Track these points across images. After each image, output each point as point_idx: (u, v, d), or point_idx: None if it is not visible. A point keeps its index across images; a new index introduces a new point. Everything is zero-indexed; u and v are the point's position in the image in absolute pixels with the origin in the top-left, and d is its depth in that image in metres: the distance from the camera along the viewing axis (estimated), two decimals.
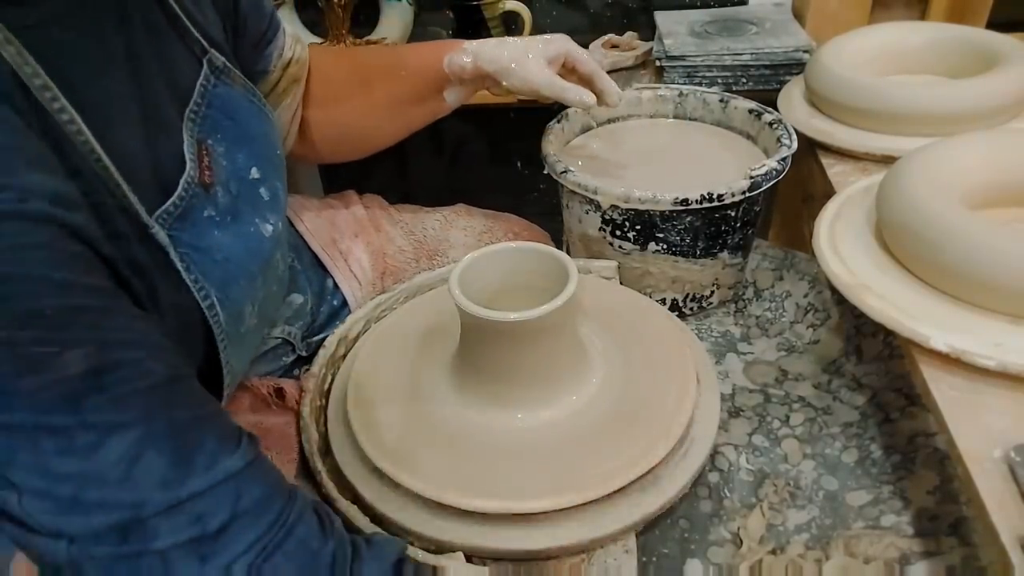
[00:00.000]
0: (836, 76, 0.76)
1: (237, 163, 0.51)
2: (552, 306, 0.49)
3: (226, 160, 0.51)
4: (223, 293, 0.47)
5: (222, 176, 0.50)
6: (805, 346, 0.69)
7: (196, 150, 0.47)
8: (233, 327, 0.49)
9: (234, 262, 0.49)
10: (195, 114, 0.49)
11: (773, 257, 0.79)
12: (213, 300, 0.46)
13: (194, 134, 0.48)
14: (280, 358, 0.67)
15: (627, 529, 0.48)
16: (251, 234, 0.52)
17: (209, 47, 0.51)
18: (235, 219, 0.50)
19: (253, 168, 0.53)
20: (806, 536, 0.52)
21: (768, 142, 0.74)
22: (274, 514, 0.38)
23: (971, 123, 0.69)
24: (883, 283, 0.54)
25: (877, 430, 0.59)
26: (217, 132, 0.50)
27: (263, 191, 0.54)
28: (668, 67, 0.99)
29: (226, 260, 0.48)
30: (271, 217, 0.54)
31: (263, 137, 0.56)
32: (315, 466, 0.52)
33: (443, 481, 0.49)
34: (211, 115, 0.50)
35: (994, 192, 0.59)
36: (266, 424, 0.57)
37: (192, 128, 0.48)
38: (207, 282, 0.46)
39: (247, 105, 0.55)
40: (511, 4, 1.10)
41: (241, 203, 0.51)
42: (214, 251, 0.47)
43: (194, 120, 0.48)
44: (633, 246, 0.68)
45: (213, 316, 0.46)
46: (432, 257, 0.78)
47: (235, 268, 0.49)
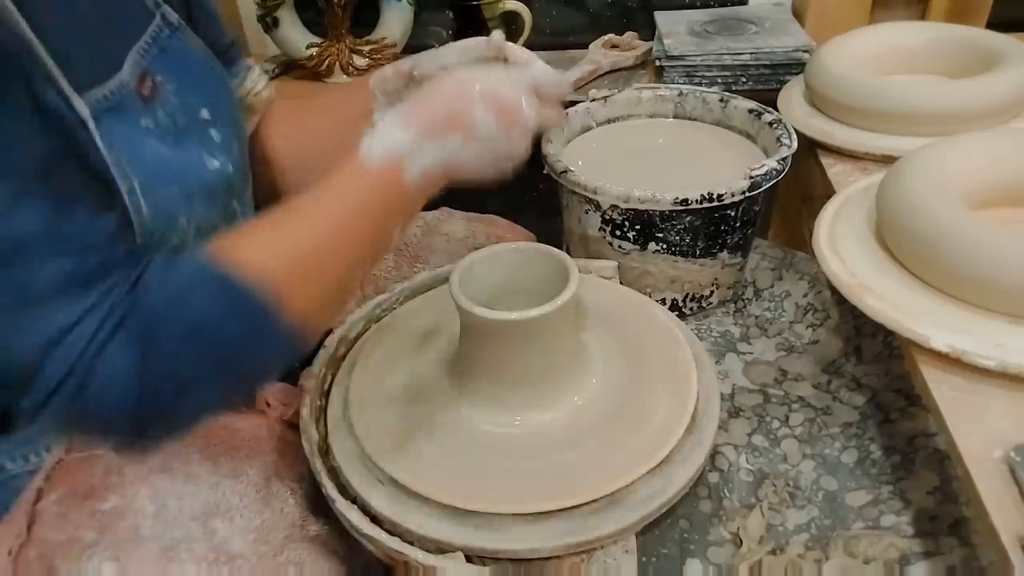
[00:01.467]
0: (836, 76, 0.76)
1: (188, 102, 0.53)
2: (552, 306, 0.49)
3: (176, 97, 0.52)
4: (148, 188, 0.48)
5: (169, 106, 0.52)
6: (805, 346, 0.69)
7: (138, 73, 0.49)
8: (160, 226, 0.49)
9: (166, 167, 0.50)
10: (144, 52, 0.51)
11: (773, 257, 0.79)
12: (134, 186, 0.47)
13: (140, 65, 0.50)
14: None
15: (627, 529, 0.48)
16: (194, 159, 0.53)
17: (162, 2, 0.54)
18: (178, 143, 0.52)
19: (204, 110, 0.55)
20: (806, 536, 0.52)
21: (768, 142, 0.74)
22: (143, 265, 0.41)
23: (971, 123, 0.69)
24: (883, 283, 0.54)
25: (877, 430, 0.59)
26: (168, 73, 0.52)
27: (213, 132, 0.55)
28: (668, 67, 0.99)
29: (158, 164, 0.49)
30: (219, 156, 0.55)
31: (219, 92, 0.57)
32: (315, 466, 0.52)
33: (443, 481, 0.49)
34: (163, 58, 0.52)
35: (994, 192, 0.59)
36: (236, 427, 0.56)
37: (139, 60, 0.50)
38: (129, 168, 0.47)
39: (206, 63, 0.57)
40: (511, 4, 1.11)
41: (188, 135, 0.53)
42: (145, 150, 0.49)
43: (143, 55, 0.50)
44: (633, 246, 0.68)
45: (133, 201, 0.47)
46: (413, 264, 0.78)
47: (166, 172, 0.50)
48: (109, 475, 0.51)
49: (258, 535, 0.50)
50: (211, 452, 0.54)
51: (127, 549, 0.47)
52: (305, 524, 0.53)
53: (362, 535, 0.48)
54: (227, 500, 0.51)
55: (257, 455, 0.55)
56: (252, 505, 0.52)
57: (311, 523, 0.53)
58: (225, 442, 0.55)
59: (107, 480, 0.51)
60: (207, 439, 0.55)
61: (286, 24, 1.16)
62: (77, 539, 0.48)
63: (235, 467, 0.53)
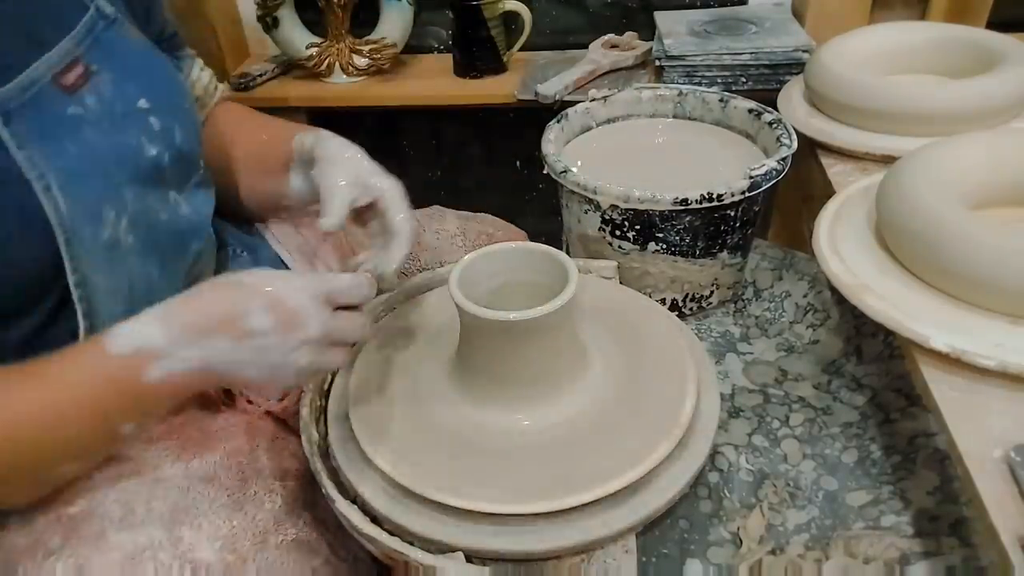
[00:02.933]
0: (836, 76, 0.76)
1: (125, 90, 0.54)
2: (552, 306, 0.49)
3: (112, 86, 0.53)
4: (69, 181, 0.48)
5: (105, 94, 0.52)
6: (805, 346, 0.69)
7: (64, 63, 0.50)
8: (86, 226, 0.49)
9: (93, 159, 0.51)
10: (78, 41, 0.51)
11: (773, 257, 0.79)
12: (51, 183, 0.47)
13: (71, 52, 0.51)
14: None
15: (627, 529, 0.48)
16: (128, 145, 0.53)
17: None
18: (114, 128, 0.52)
19: (142, 99, 0.55)
20: (806, 536, 0.52)
21: (768, 142, 0.74)
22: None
23: (971, 123, 0.69)
24: (883, 283, 0.54)
25: (877, 430, 0.59)
26: (104, 63, 0.53)
27: (153, 120, 0.55)
28: (668, 67, 0.99)
29: (83, 153, 0.50)
30: (157, 145, 0.55)
31: (160, 81, 0.57)
32: (315, 466, 0.52)
33: (443, 481, 0.49)
34: (97, 49, 0.53)
35: (994, 192, 0.59)
36: (211, 428, 0.56)
37: (71, 48, 0.51)
38: (45, 166, 0.47)
39: (145, 53, 0.57)
40: (511, 4, 1.11)
41: (127, 122, 0.53)
42: (68, 141, 0.49)
43: (76, 44, 0.51)
44: (632, 246, 0.68)
45: (50, 200, 0.47)
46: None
47: (92, 165, 0.50)
48: (78, 478, 0.49)
49: (225, 543, 0.49)
50: (184, 454, 0.52)
51: (90, 556, 0.46)
52: (280, 528, 0.52)
53: (362, 535, 0.48)
54: (196, 505, 0.50)
55: (232, 456, 0.54)
56: (221, 511, 0.50)
57: (288, 526, 0.52)
58: (199, 444, 0.54)
59: (75, 483, 0.49)
60: (181, 440, 0.53)
61: (286, 24, 1.16)
62: (42, 544, 0.46)
63: (207, 470, 0.52)
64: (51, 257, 0.48)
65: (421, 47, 1.27)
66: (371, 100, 1.16)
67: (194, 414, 0.56)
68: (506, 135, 1.35)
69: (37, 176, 0.47)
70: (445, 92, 1.15)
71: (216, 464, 0.53)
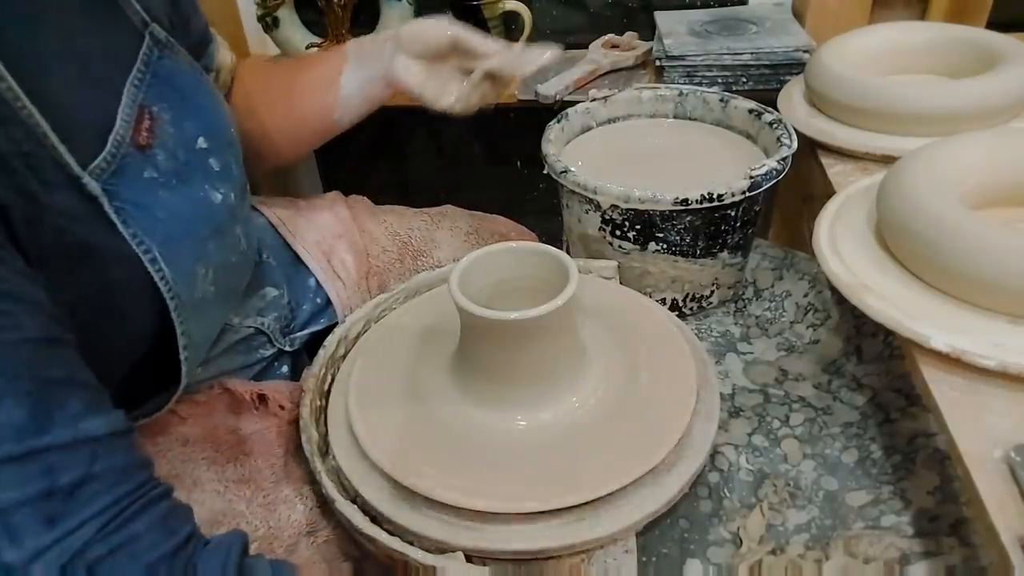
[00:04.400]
0: (836, 76, 0.76)
1: (184, 132, 0.52)
2: (552, 306, 0.49)
3: (173, 128, 0.51)
4: (167, 249, 0.47)
5: (168, 142, 0.50)
6: (805, 346, 0.69)
7: (135, 113, 0.48)
8: (184, 287, 0.49)
9: (179, 221, 0.50)
10: (140, 80, 0.49)
11: (773, 257, 0.79)
12: (156, 255, 0.47)
13: (136, 99, 0.48)
14: (256, 350, 0.67)
15: (627, 529, 0.48)
16: (200, 199, 0.52)
17: (151, 21, 0.52)
18: (182, 182, 0.51)
19: (200, 138, 0.53)
20: (806, 536, 0.52)
21: (768, 142, 0.74)
22: (131, 485, 0.37)
23: (971, 123, 0.69)
24: (883, 283, 0.54)
25: (877, 430, 0.59)
26: (163, 100, 0.51)
27: (212, 161, 0.54)
28: (668, 67, 0.99)
29: (170, 218, 0.49)
30: (221, 187, 0.54)
31: (211, 111, 0.56)
32: (315, 466, 0.52)
33: (443, 481, 0.49)
34: (156, 83, 0.51)
35: (994, 192, 0.59)
36: (244, 431, 0.56)
37: (135, 93, 0.48)
38: (147, 237, 0.46)
39: (194, 79, 0.55)
40: (511, 4, 1.10)
41: (190, 170, 0.52)
42: (156, 209, 0.48)
43: (138, 86, 0.49)
44: (633, 246, 0.68)
45: (157, 270, 0.47)
46: (417, 258, 0.78)
47: (180, 227, 0.50)
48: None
49: (261, 543, 0.50)
50: (219, 458, 0.54)
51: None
52: (314, 529, 0.53)
53: (362, 535, 0.48)
54: (233, 507, 0.51)
55: (265, 459, 0.55)
56: (258, 512, 0.52)
57: (321, 528, 0.53)
58: (234, 447, 0.55)
59: None
60: (215, 445, 0.54)
61: (286, 24, 1.16)
62: None
63: (242, 473, 0.53)
64: (162, 324, 0.48)
65: None
66: None
67: (226, 419, 0.57)
68: (506, 135, 1.35)
69: (144, 250, 0.46)
70: None
71: (250, 467, 0.54)
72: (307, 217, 0.75)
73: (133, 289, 0.46)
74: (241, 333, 0.65)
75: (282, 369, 0.69)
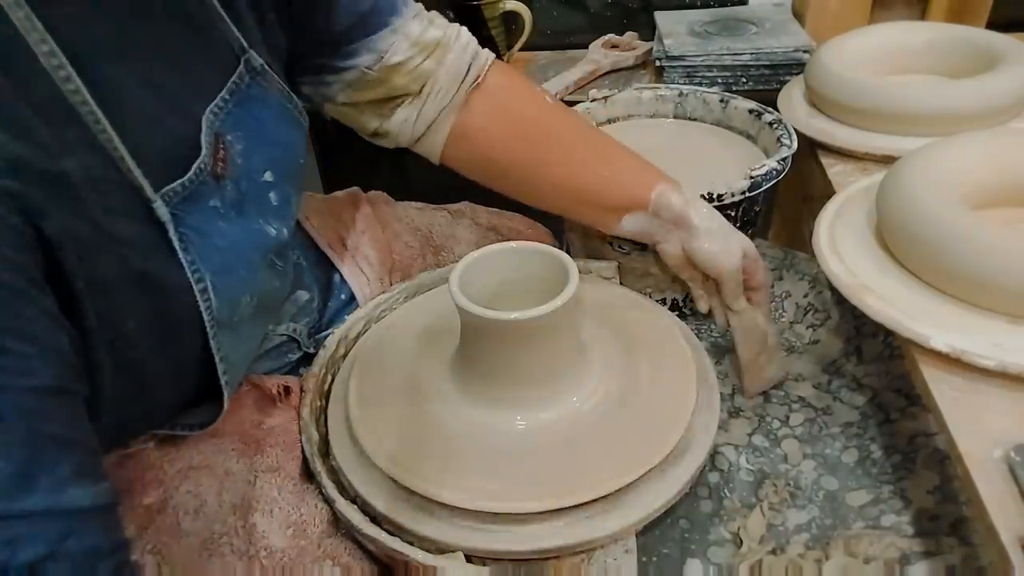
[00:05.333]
0: (836, 76, 0.76)
1: (252, 163, 0.51)
2: (552, 306, 0.49)
3: (242, 158, 0.50)
4: (219, 279, 0.47)
5: (235, 172, 0.49)
6: (805, 346, 0.69)
7: (213, 141, 0.47)
8: (226, 315, 0.48)
9: (235, 252, 0.49)
10: (219, 109, 0.48)
11: (773, 257, 0.78)
12: (207, 284, 0.46)
13: (214, 127, 0.48)
14: (285, 355, 0.67)
15: (627, 529, 0.48)
16: (255, 230, 0.51)
17: (248, 47, 0.50)
18: (240, 215, 0.50)
19: (268, 172, 0.52)
20: (806, 536, 0.52)
21: (768, 142, 0.74)
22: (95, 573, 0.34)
23: (971, 123, 0.69)
24: (883, 283, 0.54)
25: (877, 430, 0.59)
26: (239, 130, 0.50)
27: (272, 195, 0.53)
28: (668, 67, 0.99)
29: (227, 249, 0.48)
30: (275, 222, 0.53)
31: (286, 144, 0.55)
32: (315, 467, 0.52)
33: (443, 481, 0.49)
34: (236, 112, 0.49)
35: (994, 192, 0.59)
36: (268, 424, 0.56)
37: (213, 121, 0.48)
38: (203, 265, 0.46)
39: (278, 110, 0.54)
40: (511, 4, 1.11)
41: (248, 202, 0.51)
42: (216, 238, 0.47)
43: (216, 115, 0.48)
44: (633, 246, 0.68)
45: (205, 300, 0.46)
46: (438, 253, 0.78)
47: (235, 258, 0.49)
48: (149, 471, 0.51)
49: (296, 529, 0.50)
50: (247, 450, 0.54)
51: (168, 543, 0.47)
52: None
53: (362, 535, 0.48)
54: (265, 494, 0.51)
55: (292, 449, 0.55)
56: (289, 499, 0.52)
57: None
58: (260, 440, 0.55)
59: (147, 476, 0.50)
60: (242, 437, 0.55)
61: None
62: None
63: (271, 463, 0.54)
64: (200, 348, 0.47)
65: None
66: None
67: (251, 414, 0.57)
68: None
69: (197, 279, 0.45)
70: None
71: (278, 457, 0.54)
72: (330, 213, 0.75)
73: (181, 317, 0.46)
74: (274, 341, 0.65)
75: (300, 371, 0.69)
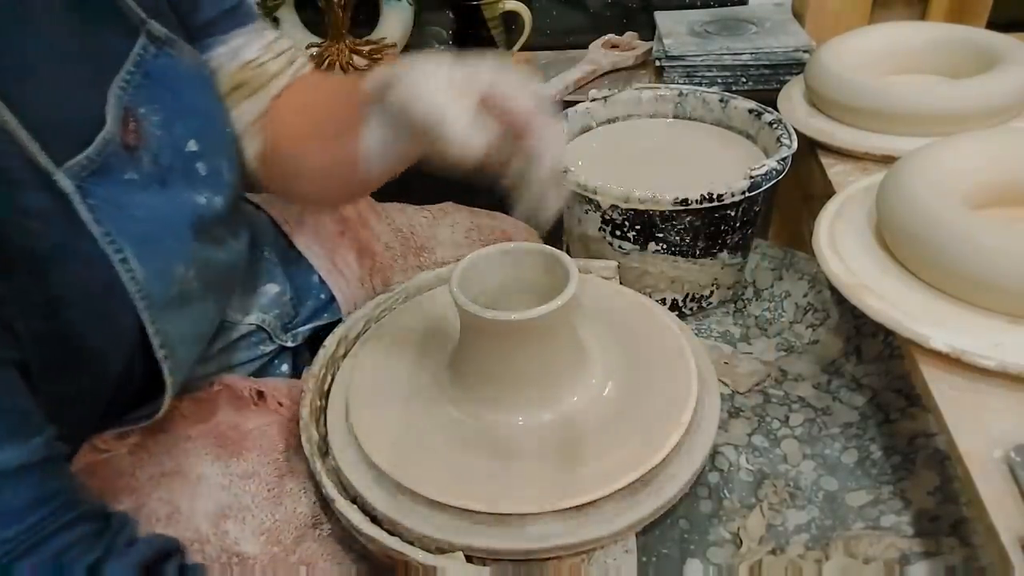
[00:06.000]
0: (836, 76, 0.76)
1: (174, 134, 0.51)
2: (552, 306, 0.49)
3: (161, 130, 0.50)
4: (141, 249, 0.47)
5: (153, 144, 0.49)
6: (805, 346, 0.69)
7: (122, 115, 0.47)
8: (159, 288, 0.48)
9: (159, 222, 0.48)
10: (127, 83, 0.48)
11: (773, 257, 0.79)
12: (127, 255, 0.46)
13: (123, 101, 0.47)
14: (257, 347, 0.67)
15: (627, 529, 0.48)
16: (181, 201, 0.51)
17: (148, 17, 0.50)
18: (164, 187, 0.50)
19: (191, 141, 0.52)
20: (806, 536, 0.52)
21: (768, 142, 0.74)
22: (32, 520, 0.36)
23: (971, 123, 0.69)
24: (883, 283, 0.54)
25: (877, 430, 0.59)
26: (154, 102, 0.49)
27: (200, 165, 0.53)
28: (668, 67, 0.99)
29: (149, 219, 0.48)
30: (206, 192, 0.53)
31: (208, 112, 0.54)
32: (315, 466, 0.52)
33: (443, 481, 0.49)
34: (147, 85, 0.49)
35: (994, 192, 0.59)
36: (245, 427, 0.56)
37: (121, 95, 0.47)
38: (119, 236, 0.45)
39: (194, 77, 0.53)
40: (511, 4, 1.10)
41: (172, 173, 0.50)
42: (134, 208, 0.47)
43: (124, 88, 0.48)
44: (633, 246, 0.68)
45: (128, 271, 0.46)
46: (419, 254, 0.78)
47: (160, 228, 0.48)
48: (122, 478, 0.51)
49: (269, 535, 0.50)
50: (223, 453, 0.54)
51: None
52: (319, 522, 0.53)
53: (362, 535, 0.48)
54: (239, 501, 0.51)
55: (268, 453, 0.55)
56: (264, 505, 0.52)
57: (326, 520, 0.53)
58: (236, 443, 0.55)
59: (119, 483, 0.51)
60: (218, 440, 0.55)
61: (286, 24, 1.16)
62: None
63: (246, 467, 0.54)
64: (133, 322, 0.47)
65: (421, 47, 1.27)
66: None
67: (227, 416, 0.57)
68: None
69: (115, 250, 0.45)
70: None
71: (254, 461, 0.54)
72: (310, 214, 0.75)
73: (104, 290, 0.46)
74: (242, 330, 0.65)
75: (282, 367, 0.69)
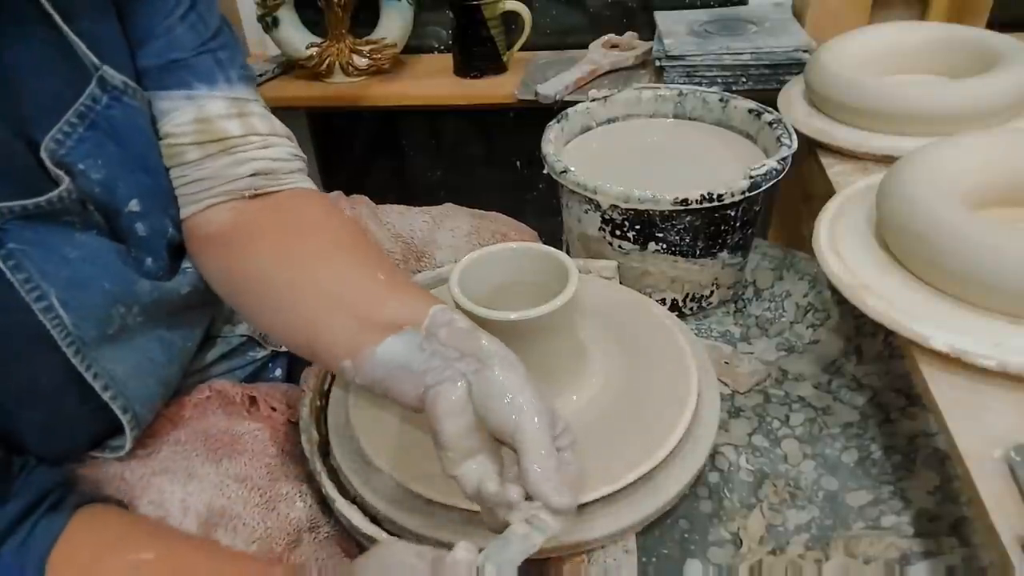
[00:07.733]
0: (836, 76, 0.76)
1: (116, 193, 0.48)
2: (552, 306, 0.49)
3: (100, 188, 0.47)
4: (70, 293, 0.45)
5: (93, 200, 0.47)
6: (805, 346, 0.69)
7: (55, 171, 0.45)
8: (92, 330, 0.47)
9: (95, 262, 0.47)
10: (66, 135, 0.45)
11: (773, 257, 0.79)
12: (52, 301, 0.44)
13: (56, 155, 0.45)
14: (246, 353, 0.66)
15: (627, 529, 0.48)
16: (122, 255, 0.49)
17: (102, 63, 0.47)
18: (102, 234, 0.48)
19: (134, 200, 0.49)
20: (806, 536, 0.52)
21: (768, 142, 0.74)
22: None
23: (971, 123, 0.69)
24: (883, 283, 0.54)
25: (877, 430, 0.59)
26: (96, 157, 0.47)
27: (140, 226, 0.50)
28: (668, 67, 0.99)
29: (83, 259, 0.46)
30: (143, 255, 0.51)
31: (158, 171, 0.51)
32: (315, 467, 0.52)
33: (443, 481, 0.48)
34: (90, 138, 0.46)
35: (994, 192, 0.59)
36: (237, 430, 0.56)
37: (56, 150, 0.45)
38: (45, 280, 0.44)
39: (146, 130, 0.50)
40: (511, 4, 1.11)
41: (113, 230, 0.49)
42: (68, 249, 0.45)
43: (61, 142, 0.45)
44: (633, 246, 0.68)
45: (53, 318, 0.44)
46: (420, 259, 0.78)
47: (96, 269, 0.47)
48: (113, 481, 0.50)
49: (260, 544, 0.50)
50: (215, 455, 0.53)
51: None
52: (315, 525, 0.53)
53: (362, 535, 0.48)
54: (231, 508, 0.50)
55: (261, 458, 0.54)
56: (255, 513, 0.51)
57: (322, 523, 0.53)
58: (227, 446, 0.54)
59: (109, 487, 0.50)
60: (208, 443, 0.54)
61: (286, 24, 1.16)
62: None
63: (239, 471, 0.53)
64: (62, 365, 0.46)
65: (421, 47, 1.27)
66: (371, 100, 1.16)
67: (220, 421, 0.57)
68: (506, 135, 1.35)
69: (35, 297, 0.44)
70: (445, 92, 1.15)
71: (247, 464, 0.53)
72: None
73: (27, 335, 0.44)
74: (232, 342, 0.65)
75: (275, 372, 0.69)
